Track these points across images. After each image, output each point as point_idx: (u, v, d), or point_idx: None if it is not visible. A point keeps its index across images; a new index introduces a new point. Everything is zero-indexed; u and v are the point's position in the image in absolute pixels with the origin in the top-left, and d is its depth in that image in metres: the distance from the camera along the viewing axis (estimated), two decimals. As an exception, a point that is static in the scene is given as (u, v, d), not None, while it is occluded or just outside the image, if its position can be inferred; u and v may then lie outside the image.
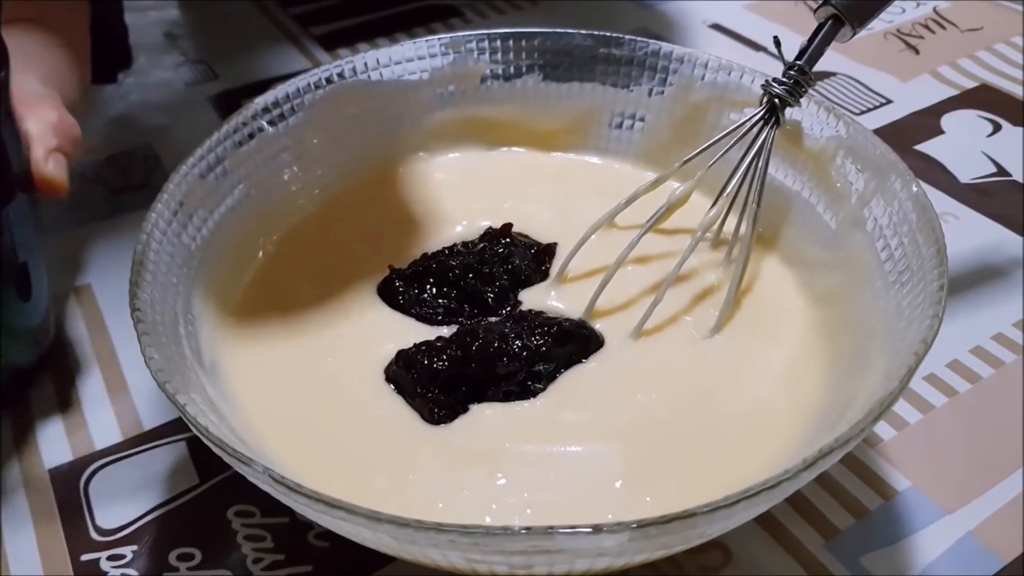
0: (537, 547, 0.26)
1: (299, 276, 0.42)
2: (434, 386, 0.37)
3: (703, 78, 0.46)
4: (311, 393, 0.37)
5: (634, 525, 0.25)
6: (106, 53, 0.57)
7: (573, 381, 0.38)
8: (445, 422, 0.36)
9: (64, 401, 0.44)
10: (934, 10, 0.74)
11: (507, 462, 0.35)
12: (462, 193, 0.47)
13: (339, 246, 0.44)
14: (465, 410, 0.36)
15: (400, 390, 0.37)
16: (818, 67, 0.42)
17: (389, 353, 0.38)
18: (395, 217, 0.46)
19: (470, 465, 0.35)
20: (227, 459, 0.28)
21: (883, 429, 0.42)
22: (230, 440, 0.28)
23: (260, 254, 0.42)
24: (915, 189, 0.37)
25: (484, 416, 0.36)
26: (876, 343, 0.35)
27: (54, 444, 0.42)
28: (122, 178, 0.58)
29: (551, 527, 0.25)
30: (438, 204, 0.47)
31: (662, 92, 0.47)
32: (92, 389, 0.45)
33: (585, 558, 0.27)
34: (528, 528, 0.25)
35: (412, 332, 0.40)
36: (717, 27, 0.72)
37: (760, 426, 0.36)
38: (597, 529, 0.25)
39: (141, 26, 0.74)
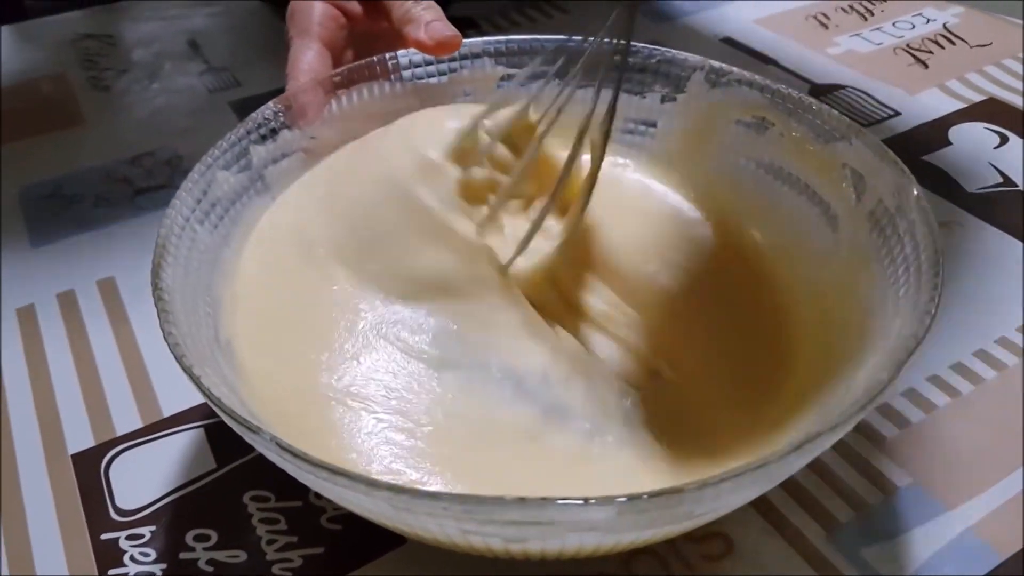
0: (529, 518, 0.26)
1: (312, 257, 0.42)
2: None
3: (714, 86, 0.47)
4: (320, 374, 0.38)
5: (623, 499, 0.26)
6: None
7: None
8: None
9: (87, 388, 0.45)
10: (944, 26, 0.75)
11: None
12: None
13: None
14: None
15: None
16: (827, 80, 0.42)
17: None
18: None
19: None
20: (236, 428, 0.29)
21: (886, 427, 0.42)
22: (241, 410, 0.29)
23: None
24: (915, 192, 0.37)
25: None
26: (871, 341, 0.35)
27: (77, 430, 0.44)
28: (146, 177, 0.60)
29: (545, 498, 0.25)
30: None
31: (675, 99, 0.48)
32: (113, 377, 0.46)
33: (576, 532, 0.28)
34: (522, 498, 0.25)
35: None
36: (728, 41, 0.73)
37: (755, 421, 0.37)
38: (587, 501, 0.26)
39: (166, 34, 0.77)
